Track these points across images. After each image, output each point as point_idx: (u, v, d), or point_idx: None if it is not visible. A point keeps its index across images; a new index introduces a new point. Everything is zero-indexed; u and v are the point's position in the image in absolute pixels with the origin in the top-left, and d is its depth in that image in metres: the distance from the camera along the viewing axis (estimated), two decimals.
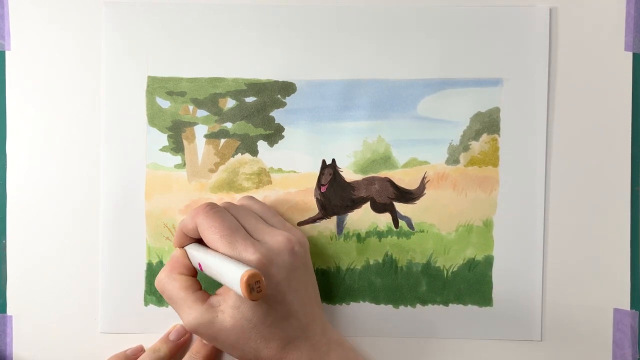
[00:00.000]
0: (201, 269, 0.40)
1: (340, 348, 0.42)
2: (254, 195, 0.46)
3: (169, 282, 0.41)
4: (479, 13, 0.46)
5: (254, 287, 0.34)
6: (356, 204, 0.47)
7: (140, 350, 0.46)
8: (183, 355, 0.45)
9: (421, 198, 0.47)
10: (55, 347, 0.47)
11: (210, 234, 0.39)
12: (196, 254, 0.41)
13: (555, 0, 0.46)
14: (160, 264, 0.47)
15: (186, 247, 0.42)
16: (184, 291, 0.40)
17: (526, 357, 0.47)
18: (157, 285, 0.41)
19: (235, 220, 0.40)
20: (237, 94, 0.47)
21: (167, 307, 0.47)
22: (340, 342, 0.43)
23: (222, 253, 0.38)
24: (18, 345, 0.47)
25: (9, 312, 0.47)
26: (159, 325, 0.47)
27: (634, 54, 0.46)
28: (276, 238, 0.40)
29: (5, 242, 0.47)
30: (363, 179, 0.47)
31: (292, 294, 0.39)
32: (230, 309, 0.38)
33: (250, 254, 0.37)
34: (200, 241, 0.42)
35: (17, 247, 0.47)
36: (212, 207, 0.40)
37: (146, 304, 0.47)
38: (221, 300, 0.39)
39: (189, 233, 0.41)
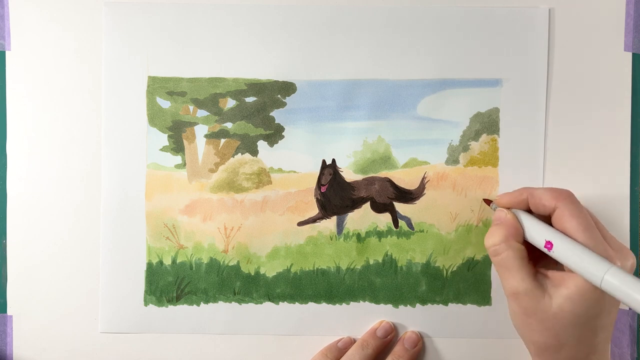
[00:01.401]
0: (548, 248, 0.39)
1: None
2: (254, 196, 0.46)
3: (507, 248, 0.40)
4: (478, 14, 0.46)
5: None
6: (356, 204, 0.47)
7: (350, 343, 0.46)
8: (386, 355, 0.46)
9: (421, 198, 0.47)
10: (55, 347, 0.47)
11: (575, 224, 0.38)
12: (543, 229, 0.40)
13: (555, 1, 0.46)
14: (160, 264, 0.47)
15: (516, 212, 0.42)
16: (519, 260, 0.39)
17: (525, 357, 0.47)
18: (491, 248, 0.41)
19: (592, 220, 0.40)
20: (238, 94, 0.47)
21: (166, 307, 0.47)
22: None
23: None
24: (18, 345, 0.47)
25: (9, 312, 0.47)
26: (159, 325, 0.47)
27: (633, 54, 0.47)
28: (626, 253, 0.39)
29: (5, 242, 0.47)
30: (363, 179, 0.47)
31: (615, 306, 0.40)
32: (562, 298, 0.38)
33: (625, 258, 0.38)
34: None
35: (17, 247, 0.47)
36: (576, 198, 0.40)
37: (146, 304, 0.47)
38: (551, 285, 0.39)
39: (536, 207, 0.41)
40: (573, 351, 0.39)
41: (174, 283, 0.47)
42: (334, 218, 0.47)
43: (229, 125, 0.47)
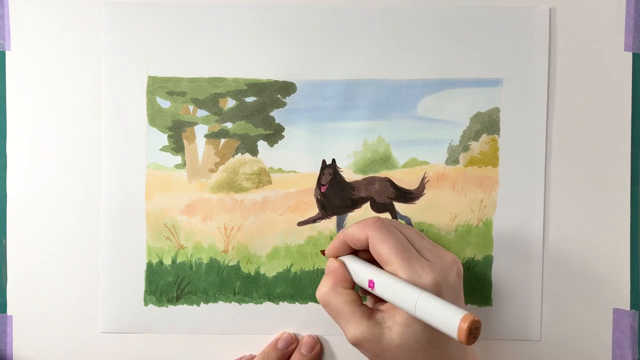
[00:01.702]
0: (371, 287, 0.39)
1: None
2: (254, 196, 0.47)
3: (335, 296, 0.40)
4: (478, 13, 0.46)
5: (473, 332, 0.33)
6: (356, 203, 0.47)
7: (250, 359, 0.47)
8: None
9: (421, 198, 0.47)
10: (55, 347, 0.47)
11: (384, 248, 0.38)
12: (364, 270, 0.40)
13: (555, 1, 0.46)
14: (160, 264, 0.47)
15: (343, 259, 0.42)
16: (349, 306, 0.39)
17: (525, 357, 0.47)
18: (321, 299, 0.41)
19: (404, 237, 0.40)
20: (238, 94, 0.47)
21: (166, 307, 0.47)
22: None
23: (394, 270, 0.38)
24: (18, 345, 0.47)
25: (9, 312, 0.47)
26: (159, 325, 0.47)
27: (633, 54, 0.47)
28: (444, 258, 0.39)
29: (5, 242, 0.47)
30: (363, 179, 0.47)
31: None
32: (399, 326, 0.37)
33: (427, 273, 0.37)
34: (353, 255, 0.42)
35: (17, 247, 0.47)
36: (382, 221, 0.40)
37: (146, 304, 0.47)
38: (387, 317, 0.38)
39: (353, 244, 0.41)
40: (448, 355, 0.39)
41: (174, 283, 0.47)
42: (334, 218, 0.47)
43: (229, 125, 0.47)
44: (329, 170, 0.47)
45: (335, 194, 0.47)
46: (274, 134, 0.47)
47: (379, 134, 0.47)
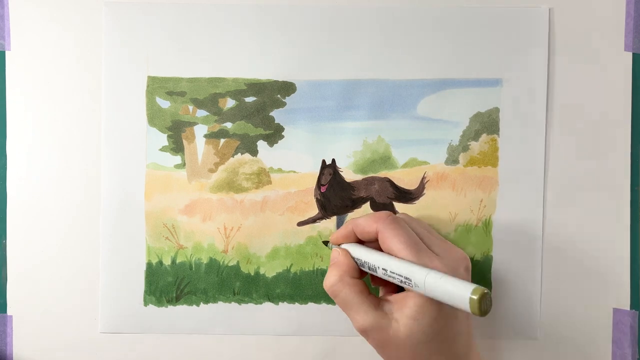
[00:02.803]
0: (382, 273, 0.39)
1: None
2: (254, 196, 0.47)
3: (343, 287, 0.40)
4: (478, 13, 0.46)
5: (485, 304, 0.33)
6: (356, 204, 0.47)
7: None
8: None
9: (421, 198, 0.47)
10: (55, 347, 0.47)
11: (395, 242, 0.38)
12: (373, 257, 0.40)
13: (555, 1, 0.46)
14: (160, 264, 0.47)
15: (347, 248, 0.42)
16: (358, 295, 0.39)
17: (525, 357, 0.47)
18: (329, 289, 0.40)
19: (414, 232, 0.40)
20: (237, 94, 0.47)
21: (166, 307, 0.47)
22: None
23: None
24: (18, 345, 0.47)
25: (9, 312, 0.47)
26: (159, 325, 0.47)
27: (633, 54, 0.46)
28: (454, 253, 0.40)
29: (5, 242, 0.47)
30: (363, 179, 0.47)
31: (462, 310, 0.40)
32: (407, 318, 0.37)
33: (436, 267, 0.37)
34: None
35: (17, 247, 0.47)
36: (394, 216, 0.40)
37: (146, 304, 0.47)
38: (395, 309, 0.38)
39: (362, 235, 0.41)
40: (454, 351, 0.39)
41: (173, 283, 0.47)
42: (334, 218, 0.47)
43: (228, 125, 0.47)
44: (329, 170, 0.47)
45: (335, 194, 0.47)
46: (274, 134, 0.47)
47: (378, 134, 0.47)
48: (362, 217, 0.41)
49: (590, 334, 0.47)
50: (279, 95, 0.47)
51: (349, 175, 0.47)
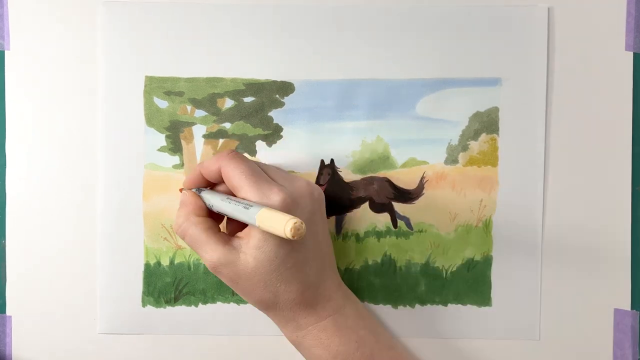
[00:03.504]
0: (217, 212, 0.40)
1: (354, 304, 0.43)
2: None
3: (190, 225, 0.40)
4: (477, 13, 0.46)
5: (297, 231, 0.34)
6: (355, 204, 0.47)
7: None
8: None
9: (420, 198, 0.47)
10: (55, 347, 0.47)
11: (235, 175, 0.39)
12: (217, 197, 0.40)
13: (555, 0, 0.46)
14: (158, 264, 0.47)
15: (201, 192, 0.42)
16: (206, 232, 0.40)
17: (525, 357, 0.47)
18: (177, 230, 0.41)
19: (257, 166, 0.41)
20: (236, 94, 0.47)
21: (164, 308, 0.47)
22: (353, 300, 0.44)
23: (245, 194, 0.39)
24: (18, 345, 0.47)
25: (8, 312, 0.47)
26: (157, 326, 0.47)
27: (634, 54, 0.46)
28: (298, 182, 0.41)
29: (5, 242, 0.47)
30: (362, 179, 0.47)
31: (311, 238, 0.40)
32: (253, 249, 0.38)
33: (275, 194, 0.38)
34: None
35: (16, 247, 0.47)
36: (235, 152, 0.41)
37: (144, 304, 0.47)
38: (243, 243, 0.39)
39: (208, 175, 0.41)
40: (292, 294, 0.40)
41: (172, 284, 0.47)
42: (333, 218, 0.47)
43: (227, 125, 0.47)
44: (328, 170, 0.47)
45: (334, 194, 0.47)
46: (273, 134, 0.47)
47: (377, 133, 0.47)
48: (208, 159, 0.42)
49: (591, 335, 0.47)
50: (277, 95, 0.47)
51: (348, 175, 0.47)
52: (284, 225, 0.34)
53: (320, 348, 0.41)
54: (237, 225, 0.43)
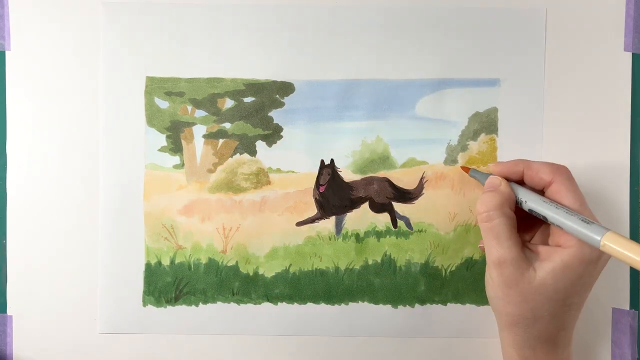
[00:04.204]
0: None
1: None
2: (253, 196, 0.46)
3: (501, 215, 0.40)
4: (476, 14, 0.46)
5: None
6: (355, 204, 0.47)
7: None
8: None
9: (419, 198, 0.47)
10: (55, 347, 0.47)
11: (572, 197, 0.39)
12: (534, 195, 0.40)
13: (553, 1, 0.46)
14: (159, 264, 0.47)
15: (514, 185, 0.41)
16: (510, 229, 0.40)
17: None
18: (485, 213, 0.40)
19: None
20: (236, 94, 0.47)
21: (165, 307, 0.47)
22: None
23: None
24: (18, 345, 0.47)
25: (9, 312, 0.47)
26: (158, 325, 0.47)
27: (633, 54, 0.46)
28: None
29: (5, 242, 0.47)
30: (362, 179, 0.47)
31: (589, 288, 0.41)
32: (546, 272, 0.38)
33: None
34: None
35: (17, 247, 0.47)
36: (570, 172, 0.41)
37: (144, 304, 0.47)
38: (536, 258, 0.39)
39: (532, 178, 0.41)
40: (545, 326, 0.39)
41: (172, 283, 0.47)
42: (333, 218, 0.47)
43: (227, 125, 0.47)
44: (328, 170, 0.47)
45: (333, 194, 0.47)
46: (273, 134, 0.47)
47: (377, 133, 0.47)
48: (538, 163, 0.41)
49: (590, 334, 0.47)
50: (277, 96, 0.47)
51: (348, 175, 0.47)
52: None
53: None
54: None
